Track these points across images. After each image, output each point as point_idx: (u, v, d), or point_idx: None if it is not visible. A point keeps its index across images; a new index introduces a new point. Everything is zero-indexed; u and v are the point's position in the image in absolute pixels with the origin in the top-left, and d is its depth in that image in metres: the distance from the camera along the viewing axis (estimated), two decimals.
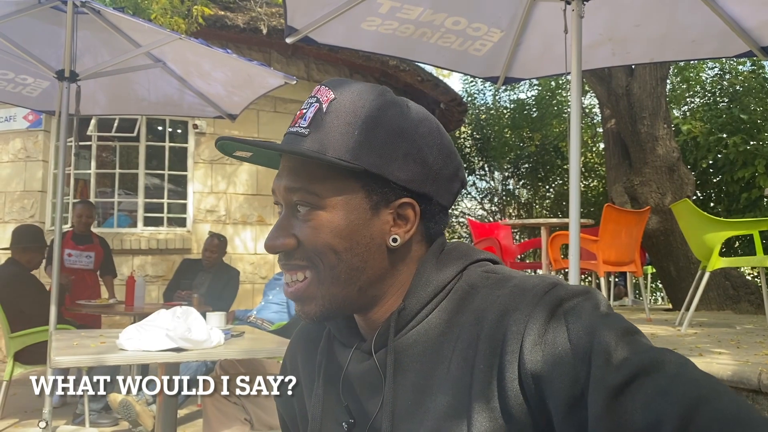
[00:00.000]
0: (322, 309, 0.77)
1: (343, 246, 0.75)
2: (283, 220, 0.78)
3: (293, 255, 0.77)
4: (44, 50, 3.96)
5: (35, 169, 6.88)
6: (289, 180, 0.77)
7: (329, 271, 0.75)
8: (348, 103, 0.76)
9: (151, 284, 6.55)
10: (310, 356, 0.89)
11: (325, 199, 0.75)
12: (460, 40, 3.43)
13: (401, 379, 0.74)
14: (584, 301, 0.67)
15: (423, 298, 0.77)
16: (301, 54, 7.44)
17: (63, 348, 2.37)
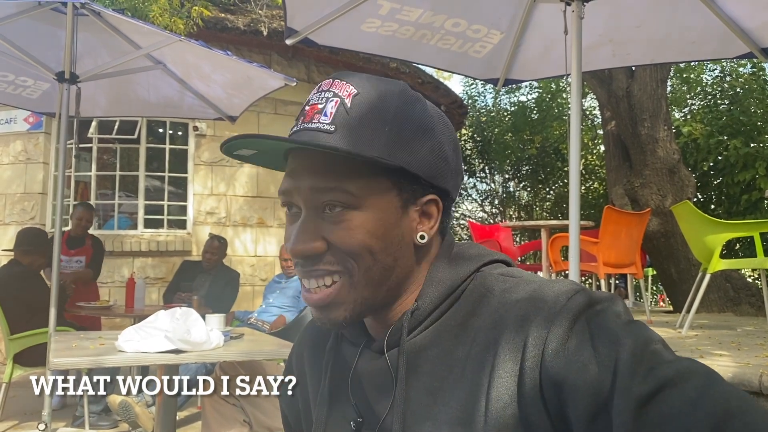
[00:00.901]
0: (351, 314, 0.74)
1: (379, 246, 0.73)
2: (307, 223, 0.74)
3: (321, 259, 0.73)
4: (44, 52, 3.96)
5: (36, 171, 6.88)
6: (317, 179, 0.72)
7: (364, 273, 0.73)
8: (374, 99, 0.74)
9: (152, 286, 6.54)
10: (316, 355, 0.88)
11: (360, 199, 0.72)
12: (460, 41, 3.43)
13: (413, 380, 0.73)
14: (608, 309, 0.66)
15: (436, 298, 0.75)
16: (301, 56, 7.45)
17: (62, 350, 2.37)
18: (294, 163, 0.75)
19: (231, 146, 0.74)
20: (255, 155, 0.78)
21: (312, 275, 0.74)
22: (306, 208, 0.74)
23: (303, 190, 0.73)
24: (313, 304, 0.75)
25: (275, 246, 7.10)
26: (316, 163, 0.73)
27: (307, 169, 0.73)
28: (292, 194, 0.75)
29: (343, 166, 0.72)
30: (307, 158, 0.73)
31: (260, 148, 0.76)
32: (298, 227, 0.74)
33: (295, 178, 0.74)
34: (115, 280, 6.65)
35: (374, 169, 0.72)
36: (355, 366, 0.79)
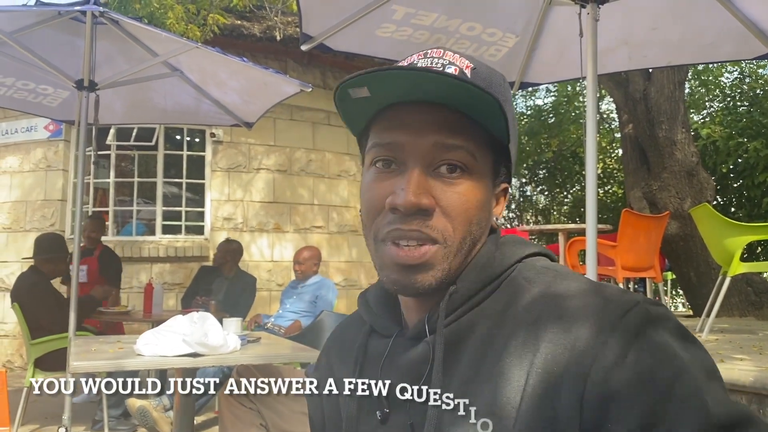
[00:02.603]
0: (437, 281, 0.71)
1: (478, 219, 0.72)
2: (421, 178, 0.70)
3: (424, 220, 0.70)
4: (64, 60, 4.01)
5: (56, 178, 6.97)
6: (444, 136, 0.70)
7: (459, 242, 0.71)
8: (491, 77, 0.73)
9: (169, 292, 6.59)
10: (346, 354, 0.86)
11: (478, 165, 0.71)
12: (475, 45, 3.43)
13: (447, 367, 0.70)
14: (667, 326, 0.63)
15: (476, 283, 0.73)
16: (317, 62, 7.48)
17: (81, 353, 2.39)
18: (410, 117, 0.71)
19: (356, 81, 0.69)
20: (357, 103, 0.72)
21: (408, 235, 0.70)
22: (419, 165, 0.70)
23: (422, 144, 0.70)
24: (404, 261, 0.71)
25: (291, 251, 7.12)
26: (445, 118, 0.70)
27: (432, 124, 0.70)
28: (403, 148, 0.71)
29: (471, 128, 0.70)
30: (428, 114, 0.70)
31: (386, 89, 0.70)
32: (412, 179, 0.70)
33: (413, 131, 0.70)
34: (133, 286, 6.71)
35: (487, 140, 0.72)
36: (386, 356, 0.76)
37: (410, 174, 0.70)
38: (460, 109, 0.70)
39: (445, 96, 0.69)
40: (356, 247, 7.88)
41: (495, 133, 0.72)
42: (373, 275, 7.95)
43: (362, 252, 7.93)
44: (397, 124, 0.72)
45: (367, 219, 0.75)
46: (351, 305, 7.45)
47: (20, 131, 7.07)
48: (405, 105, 0.71)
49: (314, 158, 7.59)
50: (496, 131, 0.72)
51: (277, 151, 7.37)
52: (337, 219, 7.71)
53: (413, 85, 0.69)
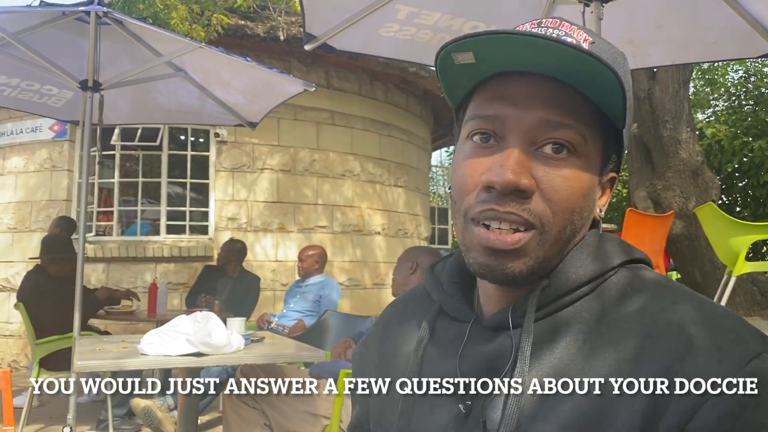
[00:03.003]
0: (528, 269, 0.65)
1: (580, 207, 0.66)
2: (521, 156, 0.64)
3: (521, 202, 0.64)
4: (68, 61, 4.02)
5: (60, 178, 6.99)
6: (552, 112, 0.64)
7: (557, 231, 0.65)
8: (611, 54, 0.67)
9: (174, 291, 6.60)
10: (407, 330, 0.79)
11: (587, 147, 0.65)
12: None
13: (531, 366, 0.65)
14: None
15: (573, 281, 0.66)
16: (321, 62, 7.49)
17: (86, 353, 2.40)
18: (516, 88, 0.66)
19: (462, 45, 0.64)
20: (460, 69, 0.67)
21: (502, 217, 0.64)
22: (520, 142, 0.65)
23: (527, 119, 0.64)
24: (494, 245, 0.65)
25: (295, 251, 7.12)
26: (551, 94, 0.64)
27: (539, 98, 0.64)
28: (505, 122, 0.65)
29: (583, 106, 0.65)
30: (537, 87, 0.65)
31: (495, 56, 0.64)
32: (511, 156, 0.64)
33: (518, 105, 0.65)
34: (138, 286, 6.72)
35: (600, 122, 0.66)
36: (464, 344, 0.70)
37: (510, 151, 0.64)
38: (574, 84, 0.64)
39: (560, 68, 0.63)
40: (360, 246, 7.88)
41: (609, 114, 0.66)
42: (376, 275, 7.95)
43: (366, 252, 7.94)
44: (501, 95, 0.66)
45: (458, 196, 0.69)
46: (355, 305, 7.45)
47: (25, 131, 7.09)
48: (512, 75, 0.66)
49: (318, 158, 7.59)
50: (612, 113, 0.66)
51: (280, 151, 7.38)
52: (341, 219, 7.72)
53: (525, 53, 0.63)
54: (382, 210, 8.20)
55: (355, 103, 7.93)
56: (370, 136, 8.13)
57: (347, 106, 7.81)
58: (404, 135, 8.76)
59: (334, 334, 4.14)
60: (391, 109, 8.49)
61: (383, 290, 8.02)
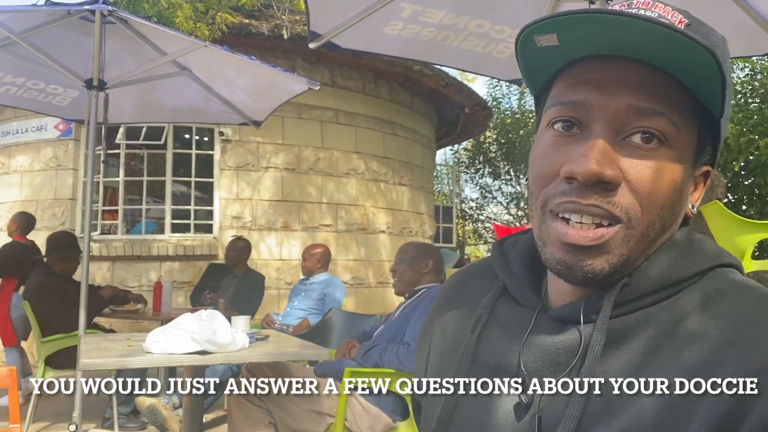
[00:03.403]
0: (611, 267, 0.61)
1: (671, 201, 0.61)
2: (606, 145, 0.60)
3: (605, 195, 0.60)
4: (73, 60, 4.03)
5: (65, 177, 7.01)
6: (644, 98, 0.60)
7: (644, 227, 0.61)
8: (706, 34, 0.62)
9: (179, 290, 6.62)
10: (465, 306, 0.76)
11: (680, 137, 0.60)
12: (484, 42, 3.42)
13: (599, 366, 0.61)
14: None
15: (656, 282, 0.62)
16: (325, 61, 7.49)
17: (91, 351, 2.40)
18: (603, 73, 0.61)
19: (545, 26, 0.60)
20: (542, 53, 0.63)
21: (585, 210, 0.60)
22: (606, 130, 0.60)
23: (615, 106, 0.60)
24: (574, 241, 0.61)
25: (299, 249, 7.13)
26: (641, 79, 0.60)
27: (628, 83, 0.60)
28: (590, 109, 0.61)
29: (677, 92, 0.60)
30: (626, 71, 0.60)
31: (580, 37, 0.60)
32: (596, 146, 0.60)
33: (605, 90, 0.60)
34: (143, 284, 6.74)
35: (696, 110, 0.61)
36: (528, 332, 0.66)
37: (595, 140, 0.60)
38: (667, 68, 0.60)
39: (652, 50, 0.58)
40: (364, 245, 7.88)
41: (706, 102, 0.62)
42: (380, 274, 7.95)
43: (370, 250, 7.94)
44: (585, 80, 0.62)
45: (536, 186, 0.65)
46: (359, 303, 7.46)
47: (30, 131, 7.11)
48: (598, 59, 0.62)
49: (322, 156, 7.60)
50: (708, 100, 0.61)
51: (285, 149, 7.38)
52: (345, 217, 7.72)
53: (614, 34, 0.58)
54: (386, 208, 8.20)
55: (359, 101, 7.93)
56: (374, 135, 8.13)
57: (351, 105, 7.82)
58: (408, 133, 8.75)
59: (339, 332, 4.15)
60: (396, 108, 8.49)
61: (387, 289, 8.02)
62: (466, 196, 17.49)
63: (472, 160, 16.13)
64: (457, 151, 16.88)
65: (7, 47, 3.87)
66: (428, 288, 2.91)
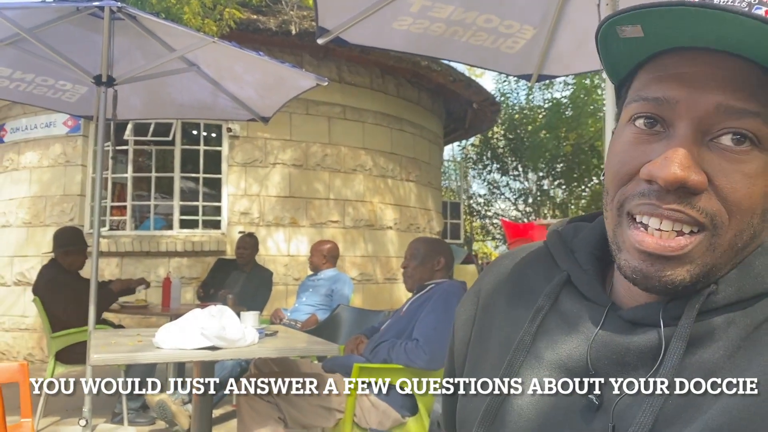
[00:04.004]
0: (691, 279, 0.57)
1: (763, 208, 0.56)
2: (691, 147, 0.56)
3: (690, 201, 0.56)
4: (82, 56, 4.04)
5: (74, 173, 7.04)
6: (735, 96, 0.55)
7: (732, 235, 0.56)
8: None
9: (187, 286, 6.64)
10: (521, 294, 0.72)
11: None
12: (492, 37, 3.40)
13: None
14: None
15: (744, 292, 0.58)
16: (332, 56, 7.48)
17: (101, 346, 2.41)
18: (690, 67, 0.57)
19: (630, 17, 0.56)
20: (625, 44, 0.59)
21: (665, 215, 0.56)
22: (692, 130, 0.56)
23: (702, 104, 0.56)
24: (652, 250, 0.57)
25: (307, 245, 7.14)
26: (736, 73, 0.55)
27: (718, 79, 0.55)
28: (675, 106, 0.57)
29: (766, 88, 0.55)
30: (716, 66, 0.56)
31: (667, 29, 0.56)
32: (680, 148, 0.55)
33: (692, 87, 0.56)
34: (152, 280, 6.76)
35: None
36: (598, 330, 0.63)
37: (679, 140, 0.56)
38: (764, 62, 0.54)
39: (746, 44, 0.53)
40: (372, 241, 7.88)
41: None
42: (388, 270, 7.95)
43: (378, 246, 7.94)
44: (671, 74, 0.57)
45: (612, 185, 0.61)
46: (366, 299, 7.46)
47: (39, 127, 7.15)
48: (687, 51, 0.57)
49: (330, 153, 7.60)
50: None
51: (292, 145, 7.39)
52: (352, 213, 7.72)
53: (704, 26, 0.54)
54: (393, 205, 8.20)
55: (367, 97, 7.92)
56: (381, 131, 8.12)
57: (359, 101, 7.81)
58: (416, 129, 8.74)
59: (347, 328, 4.15)
60: (403, 104, 8.48)
61: (395, 285, 8.03)
62: (473, 192, 17.48)
63: (480, 155, 16.10)
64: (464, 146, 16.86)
65: (16, 44, 3.89)
66: (437, 284, 2.91)
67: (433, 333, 2.67)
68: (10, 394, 2.40)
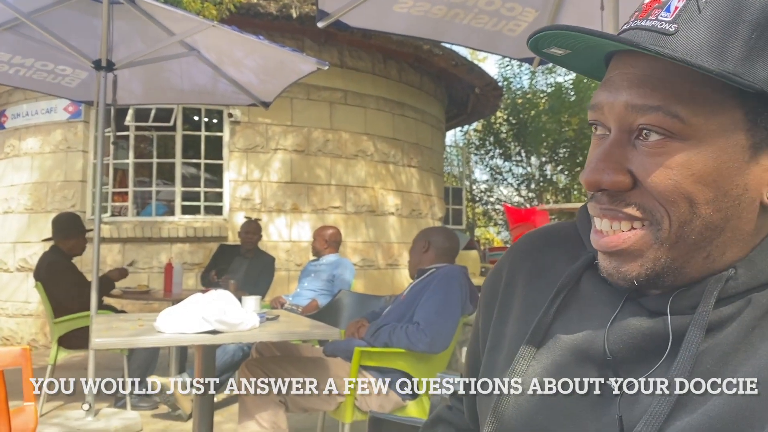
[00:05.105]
0: (647, 272, 0.59)
1: (704, 197, 0.56)
2: (613, 149, 0.58)
3: (622, 198, 0.58)
4: (81, 41, 4.02)
5: (75, 159, 7.03)
6: (638, 95, 0.57)
7: (676, 228, 0.57)
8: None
9: (189, 271, 6.65)
10: (542, 273, 0.72)
11: (690, 128, 0.55)
12: (494, 20, 3.37)
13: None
14: None
15: (766, 275, 0.58)
16: (333, 41, 7.44)
17: (102, 331, 2.42)
18: (613, 72, 0.60)
19: (539, 39, 0.60)
20: (568, 57, 0.63)
21: (607, 215, 0.60)
22: (618, 131, 0.59)
23: (617, 105, 0.58)
24: (602, 248, 0.61)
25: (309, 231, 7.15)
26: (639, 73, 0.57)
27: (627, 80, 0.58)
28: (603, 110, 0.60)
29: (677, 81, 0.56)
30: (631, 66, 0.58)
31: (573, 46, 0.60)
32: (600, 152, 0.59)
33: (611, 89, 0.59)
34: (153, 266, 6.78)
35: (721, 90, 0.55)
36: (615, 317, 0.62)
37: (609, 143, 0.59)
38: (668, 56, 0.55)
39: None
40: (373, 227, 7.88)
41: (734, 79, 0.55)
42: (389, 255, 7.96)
43: (379, 232, 7.94)
44: (606, 80, 0.60)
45: None
46: (368, 285, 7.47)
47: (40, 113, 7.13)
48: (620, 54, 0.60)
49: (331, 138, 7.58)
50: (730, 77, 0.55)
51: (294, 131, 7.37)
52: (354, 199, 7.71)
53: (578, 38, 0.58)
54: (395, 190, 8.19)
55: (369, 82, 7.88)
56: (383, 116, 8.09)
57: (360, 86, 7.78)
58: (418, 114, 8.71)
59: (349, 313, 4.16)
60: (405, 88, 8.44)
61: (397, 270, 8.03)
62: (476, 177, 17.44)
63: (483, 141, 16.05)
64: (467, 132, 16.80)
65: (15, 28, 3.87)
66: (438, 268, 2.90)
67: (434, 316, 2.67)
68: (13, 379, 2.41)
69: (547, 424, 0.63)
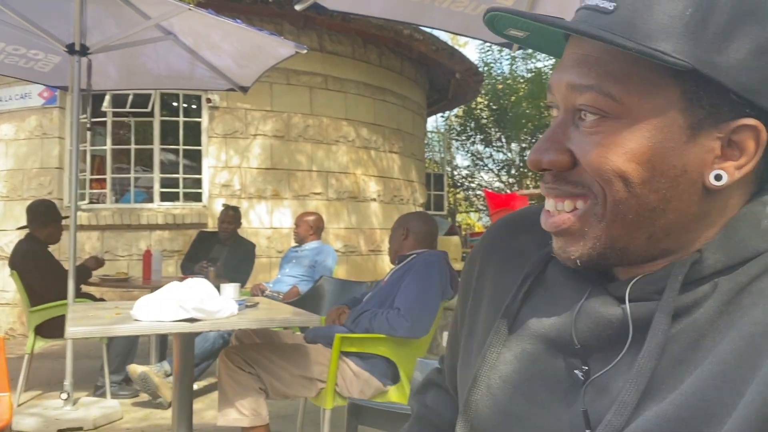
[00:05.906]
0: (590, 252, 0.59)
1: (640, 176, 0.55)
2: (556, 129, 0.60)
3: (564, 177, 0.59)
4: (54, 24, 3.93)
5: (51, 146, 6.92)
6: (576, 74, 0.57)
7: (612, 206, 0.57)
8: None
9: (168, 258, 6.60)
10: (511, 260, 0.71)
11: (624, 107, 0.55)
12: (474, 3, 3.35)
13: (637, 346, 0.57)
14: None
15: (732, 257, 0.56)
16: (313, 25, 7.37)
17: (78, 319, 2.38)
18: (566, 52, 0.60)
19: (494, 22, 0.60)
20: (531, 38, 0.63)
21: (552, 194, 0.61)
22: (563, 112, 0.60)
23: (561, 86, 0.59)
24: (549, 228, 0.62)
25: (290, 217, 7.11)
26: (581, 53, 0.58)
27: (571, 60, 0.58)
28: (552, 90, 0.61)
29: (610, 60, 0.56)
30: (576, 46, 0.59)
31: (529, 28, 0.61)
32: (546, 133, 0.60)
33: (559, 70, 0.60)
34: (132, 253, 6.71)
35: (655, 68, 0.54)
36: (582, 304, 0.61)
37: (555, 123, 0.61)
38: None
39: None
40: (355, 213, 7.86)
41: (666, 59, 0.53)
42: (372, 242, 7.95)
43: (362, 218, 7.92)
44: (560, 62, 0.61)
45: None
46: (351, 271, 7.46)
47: (14, 98, 6.99)
48: (574, 38, 0.60)
49: (312, 123, 7.52)
50: (662, 56, 0.54)
51: (273, 116, 7.30)
52: (336, 185, 7.68)
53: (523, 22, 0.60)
54: (377, 176, 8.17)
55: (349, 66, 7.83)
56: (364, 101, 8.05)
57: (341, 70, 7.72)
58: (399, 100, 8.67)
59: (330, 299, 4.14)
60: (386, 73, 8.39)
61: (379, 256, 8.03)
62: (457, 163, 17.46)
63: (464, 127, 16.06)
64: (448, 117, 16.79)
65: None
66: (418, 253, 2.90)
67: (415, 301, 2.67)
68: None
69: (519, 413, 0.62)
